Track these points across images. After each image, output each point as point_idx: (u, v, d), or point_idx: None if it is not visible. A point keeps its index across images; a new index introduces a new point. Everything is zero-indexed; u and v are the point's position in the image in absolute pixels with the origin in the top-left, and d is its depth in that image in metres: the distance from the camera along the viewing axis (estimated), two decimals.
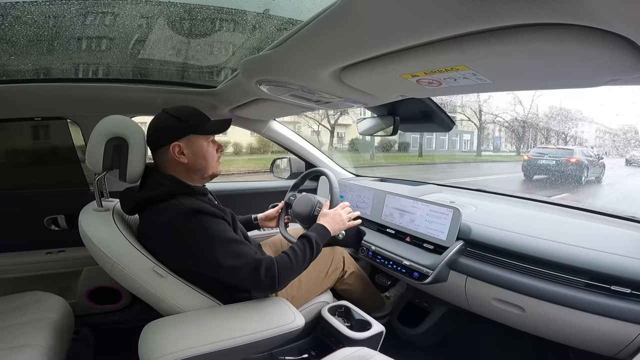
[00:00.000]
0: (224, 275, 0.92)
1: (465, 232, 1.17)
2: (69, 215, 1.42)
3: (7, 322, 1.06)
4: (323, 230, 1.08)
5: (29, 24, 0.97)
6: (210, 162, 1.03)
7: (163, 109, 1.01)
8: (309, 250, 0.99)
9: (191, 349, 0.82)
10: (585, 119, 11.76)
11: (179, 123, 0.97)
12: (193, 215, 0.89)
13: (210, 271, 0.93)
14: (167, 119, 0.98)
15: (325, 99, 1.07)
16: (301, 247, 0.99)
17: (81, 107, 1.38)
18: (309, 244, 1.00)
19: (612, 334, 0.84)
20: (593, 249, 0.94)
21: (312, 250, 1.00)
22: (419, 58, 0.62)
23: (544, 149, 9.28)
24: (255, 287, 1.00)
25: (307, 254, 0.99)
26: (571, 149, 8.09)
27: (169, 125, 0.97)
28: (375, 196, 1.54)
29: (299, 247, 0.99)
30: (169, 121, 0.97)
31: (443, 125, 1.44)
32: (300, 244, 1.00)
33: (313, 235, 1.03)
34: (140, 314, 1.42)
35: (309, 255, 0.99)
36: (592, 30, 0.45)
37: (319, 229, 1.07)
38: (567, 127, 12.03)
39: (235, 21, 1.04)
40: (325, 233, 1.07)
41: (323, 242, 1.06)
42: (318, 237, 1.03)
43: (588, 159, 7.70)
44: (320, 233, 1.06)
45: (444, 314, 1.41)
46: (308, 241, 1.01)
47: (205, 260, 0.90)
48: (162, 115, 0.99)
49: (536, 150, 8.97)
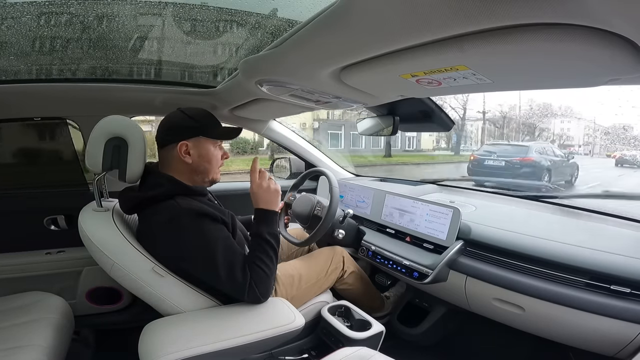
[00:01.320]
0: (214, 282, 0.94)
1: (465, 232, 1.17)
2: (69, 215, 1.42)
3: (7, 323, 1.06)
4: (265, 214, 1.02)
5: (28, 23, 0.96)
6: (214, 166, 1.03)
7: (178, 107, 1.02)
8: (270, 249, 0.97)
9: (191, 349, 0.82)
10: (569, 115, 11.20)
11: (192, 122, 0.98)
12: (191, 217, 0.90)
13: (203, 275, 0.94)
14: (181, 117, 0.99)
15: (325, 99, 1.07)
16: (262, 250, 0.96)
17: (81, 107, 1.38)
18: (266, 243, 0.97)
19: (612, 333, 0.84)
20: (593, 248, 0.94)
21: (272, 246, 0.98)
22: (419, 58, 0.62)
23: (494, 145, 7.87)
24: (241, 294, 0.95)
25: (270, 254, 0.97)
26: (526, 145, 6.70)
27: (181, 124, 0.98)
28: (375, 196, 1.54)
29: (260, 251, 0.96)
30: (183, 119, 0.98)
31: (443, 125, 1.44)
32: (259, 247, 0.97)
33: (263, 229, 0.99)
34: (140, 314, 1.42)
35: (273, 253, 0.97)
36: (592, 30, 0.45)
37: (262, 217, 1.01)
38: (549, 124, 11.41)
39: (236, 21, 1.04)
40: (269, 215, 1.02)
41: (275, 224, 1.02)
42: (268, 227, 1.00)
43: (550, 159, 6.38)
44: (266, 220, 1.01)
45: (443, 314, 1.41)
46: (264, 241, 0.97)
47: (200, 264, 0.91)
48: (177, 113, 1.01)
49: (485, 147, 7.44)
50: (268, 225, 1.00)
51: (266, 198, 1.03)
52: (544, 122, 11.51)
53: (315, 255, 1.35)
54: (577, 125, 11.30)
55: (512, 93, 10.13)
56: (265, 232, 0.99)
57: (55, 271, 1.39)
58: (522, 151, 6.34)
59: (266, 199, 1.02)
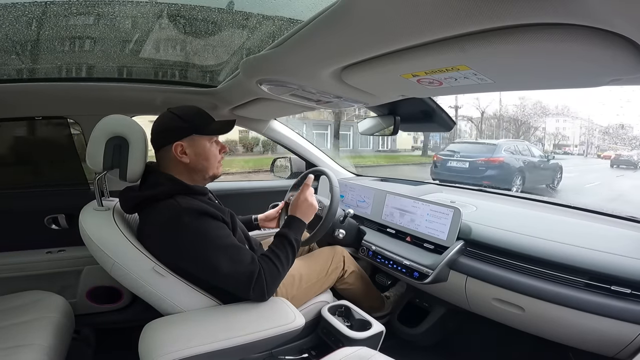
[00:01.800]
0: (216, 281, 0.94)
1: (465, 232, 1.17)
2: (70, 214, 1.42)
3: (7, 322, 1.06)
4: (298, 223, 1.07)
5: (29, 23, 0.96)
6: (212, 162, 1.02)
7: (168, 108, 1.01)
8: (290, 251, 1.00)
9: (191, 349, 0.82)
10: (566, 114, 10.88)
11: (182, 123, 0.97)
12: (191, 216, 0.89)
13: (204, 274, 0.94)
14: (171, 118, 0.98)
15: (325, 99, 1.07)
16: (283, 250, 0.99)
17: (82, 107, 1.38)
18: (289, 245, 1.00)
19: (612, 334, 0.84)
20: (593, 249, 0.94)
21: (293, 250, 1.01)
22: (420, 58, 0.62)
23: (459, 144, 6.94)
24: (244, 297, 0.96)
25: (289, 256, 0.99)
26: (494, 143, 5.87)
27: (173, 125, 0.97)
28: (375, 196, 1.54)
29: (281, 250, 0.99)
30: (173, 120, 0.97)
31: (443, 125, 1.44)
32: (281, 246, 1.00)
33: (291, 233, 1.02)
34: (141, 313, 1.42)
35: (291, 256, 1.00)
36: (593, 30, 0.45)
37: (294, 224, 1.06)
38: (542, 123, 11.02)
39: (236, 21, 1.04)
40: (300, 225, 1.07)
41: (301, 235, 1.06)
42: (296, 234, 1.03)
43: (524, 159, 5.58)
44: (296, 228, 1.05)
45: (444, 314, 1.41)
46: (288, 242, 1.01)
47: (201, 263, 0.91)
48: (167, 114, 1.00)
49: (450, 146, 6.61)
50: (296, 232, 1.04)
51: (304, 210, 1.09)
52: (537, 121, 11.26)
53: (315, 255, 1.35)
54: (572, 125, 11.07)
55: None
56: (292, 236, 1.02)
57: (55, 270, 1.39)
58: (490, 150, 5.56)
59: (304, 211, 1.09)
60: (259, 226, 1.39)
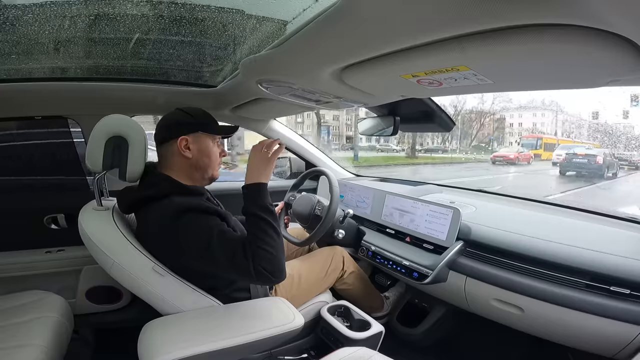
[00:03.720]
0: (218, 270, 0.92)
1: (465, 233, 1.18)
2: (69, 214, 1.42)
3: (7, 322, 1.06)
4: (251, 191, 0.93)
5: (29, 23, 0.96)
6: (213, 162, 1.03)
7: (176, 107, 1.04)
8: (264, 224, 0.89)
9: (190, 349, 0.82)
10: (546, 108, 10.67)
11: (191, 119, 1.00)
12: (182, 213, 0.89)
13: (207, 267, 0.92)
14: (180, 114, 1.01)
15: (325, 99, 1.07)
16: (258, 227, 0.88)
17: (82, 106, 1.38)
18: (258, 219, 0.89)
19: (612, 334, 0.84)
20: (593, 249, 0.94)
21: (265, 220, 0.89)
22: (420, 58, 0.62)
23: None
24: (253, 282, 0.93)
25: (268, 230, 0.88)
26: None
27: (180, 120, 1.00)
28: (375, 196, 1.54)
29: (256, 229, 0.88)
30: (182, 116, 1.01)
31: (443, 125, 1.44)
32: (253, 226, 0.89)
33: (251, 206, 0.91)
34: (140, 313, 1.41)
35: (271, 229, 0.88)
36: (592, 31, 0.45)
37: (248, 195, 0.93)
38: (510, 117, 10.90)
39: (237, 20, 1.04)
40: (254, 190, 0.93)
41: (263, 198, 0.92)
42: (254, 204, 0.91)
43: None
44: (253, 196, 0.92)
45: (443, 314, 1.41)
46: (257, 217, 0.89)
47: (200, 255, 0.88)
48: (176, 111, 1.03)
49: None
50: (255, 199, 0.91)
51: (256, 166, 0.95)
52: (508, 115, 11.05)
53: (315, 255, 1.35)
54: (549, 120, 10.83)
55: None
56: (255, 207, 0.90)
57: (55, 270, 1.39)
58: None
59: (255, 167, 0.95)
60: None
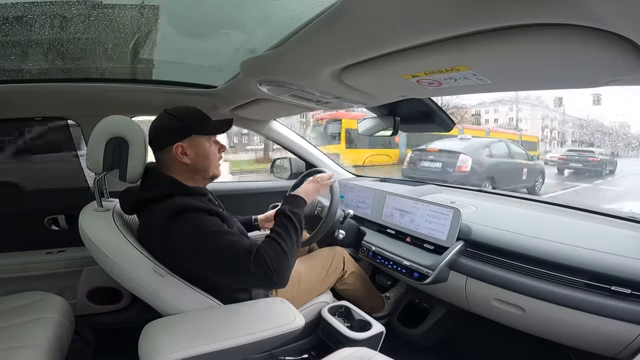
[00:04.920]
0: (214, 271, 0.90)
1: (465, 233, 1.17)
2: (69, 215, 1.42)
3: (7, 322, 1.06)
4: (296, 199, 1.02)
5: (29, 24, 0.96)
6: (213, 162, 1.02)
7: (164, 109, 1.01)
8: (290, 224, 0.92)
9: (191, 349, 0.82)
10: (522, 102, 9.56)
11: (181, 124, 0.96)
12: (184, 213, 0.88)
13: (203, 267, 0.91)
14: (169, 119, 0.97)
15: (325, 99, 1.07)
16: (281, 226, 0.92)
17: (82, 107, 1.38)
18: (286, 218, 0.93)
19: (613, 334, 0.84)
20: (593, 249, 0.94)
21: (292, 222, 0.93)
22: (420, 58, 0.62)
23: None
24: (250, 283, 0.94)
25: (290, 230, 0.91)
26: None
27: (171, 126, 0.97)
28: (375, 196, 1.54)
29: (279, 226, 0.92)
30: (171, 122, 0.97)
31: (443, 125, 1.44)
32: (279, 223, 0.93)
33: (286, 207, 0.97)
34: (141, 314, 1.41)
35: (292, 229, 0.92)
36: (592, 31, 0.45)
37: (291, 199, 1.02)
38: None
39: (236, 21, 1.04)
40: (299, 201, 1.02)
41: (301, 210, 1.00)
42: (292, 207, 0.97)
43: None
44: (293, 203, 1.00)
45: (444, 315, 1.41)
46: (285, 216, 0.94)
47: (199, 256, 0.87)
48: (164, 115, 0.99)
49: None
50: (293, 205, 0.99)
51: (305, 190, 1.08)
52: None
53: (315, 256, 1.35)
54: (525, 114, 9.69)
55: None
56: (287, 209, 0.96)
57: (55, 271, 1.39)
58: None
59: (305, 190, 1.07)
60: (259, 227, 1.39)
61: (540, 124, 9.97)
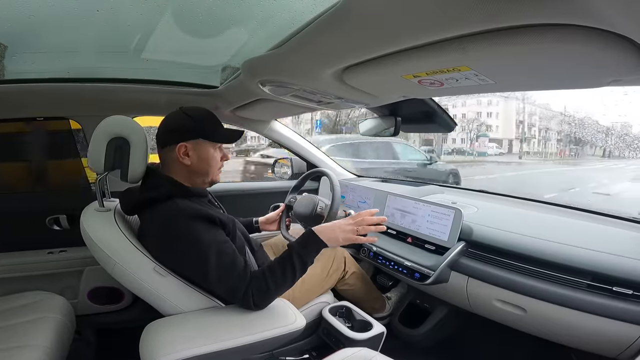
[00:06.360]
0: (205, 284, 0.94)
1: (466, 233, 1.17)
2: (71, 215, 1.43)
3: (9, 322, 1.06)
4: (314, 240, 0.94)
5: (30, 23, 0.97)
6: (213, 168, 1.02)
7: (180, 107, 1.00)
8: (290, 269, 0.90)
9: (192, 349, 0.81)
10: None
11: (192, 124, 0.96)
12: (187, 219, 0.88)
13: (197, 279, 0.94)
14: (181, 117, 0.97)
15: (327, 100, 1.07)
16: (281, 267, 0.91)
17: (83, 107, 1.39)
18: (289, 261, 0.91)
19: (614, 335, 0.83)
20: (595, 250, 0.94)
21: (293, 267, 0.90)
22: (421, 59, 0.62)
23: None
24: (232, 301, 0.95)
25: (287, 274, 0.90)
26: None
27: (181, 125, 0.96)
28: (376, 197, 1.54)
29: (280, 266, 0.91)
30: (183, 120, 0.96)
31: (444, 126, 1.44)
32: (282, 262, 0.91)
33: (298, 248, 0.92)
34: (142, 314, 1.42)
35: (290, 274, 0.90)
36: (594, 31, 0.45)
37: (308, 239, 0.95)
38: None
39: (238, 21, 1.04)
40: (315, 245, 0.94)
41: (312, 256, 0.94)
42: (304, 251, 0.92)
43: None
44: (308, 245, 0.94)
45: (445, 315, 1.41)
46: (289, 258, 0.91)
47: (193, 268, 0.90)
48: (178, 113, 0.98)
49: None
50: (305, 248, 0.93)
51: (334, 234, 0.96)
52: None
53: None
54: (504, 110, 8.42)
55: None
56: (296, 250, 0.92)
57: (57, 271, 1.39)
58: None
59: (333, 234, 0.96)
60: (260, 229, 1.39)
61: (515, 119, 9.10)
